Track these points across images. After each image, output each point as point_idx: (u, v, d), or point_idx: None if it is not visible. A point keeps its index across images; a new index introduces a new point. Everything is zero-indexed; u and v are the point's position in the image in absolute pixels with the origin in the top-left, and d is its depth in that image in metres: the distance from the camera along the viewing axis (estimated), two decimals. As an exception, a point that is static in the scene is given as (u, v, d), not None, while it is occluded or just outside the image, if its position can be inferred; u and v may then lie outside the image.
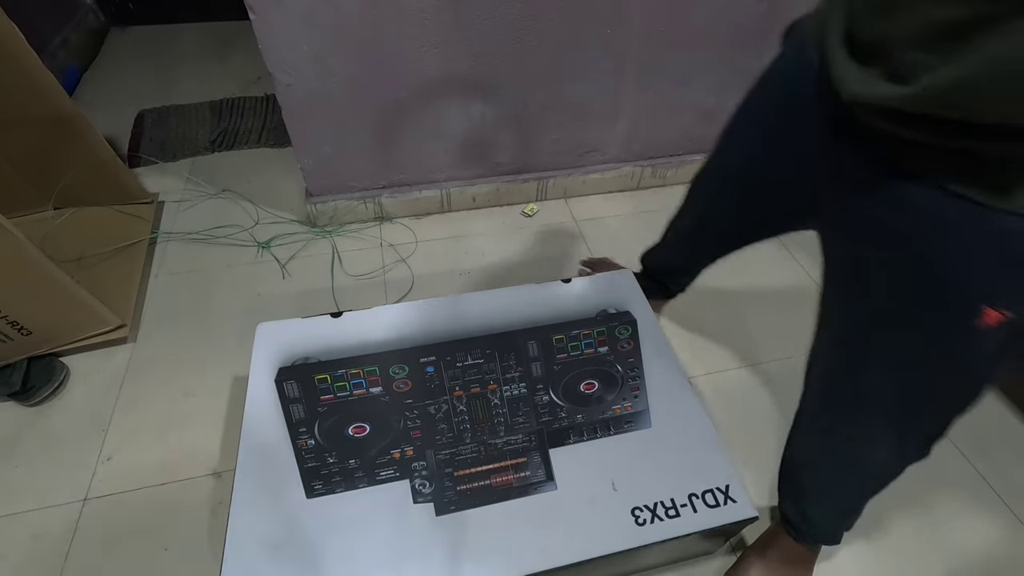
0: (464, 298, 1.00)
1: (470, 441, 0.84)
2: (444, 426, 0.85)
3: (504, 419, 0.86)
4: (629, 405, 0.89)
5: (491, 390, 0.88)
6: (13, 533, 0.96)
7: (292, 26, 1.14)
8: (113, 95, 2.03)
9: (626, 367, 0.92)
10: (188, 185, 1.66)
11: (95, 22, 2.33)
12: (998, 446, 1.12)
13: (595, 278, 1.05)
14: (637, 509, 0.78)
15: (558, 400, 0.88)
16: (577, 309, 0.99)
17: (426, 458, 0.82)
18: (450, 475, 0.81)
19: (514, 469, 0.82)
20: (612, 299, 1.01)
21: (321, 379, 0.85)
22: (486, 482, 0.81)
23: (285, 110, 1.29)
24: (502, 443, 0.84)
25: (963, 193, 0.47)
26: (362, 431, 0.83)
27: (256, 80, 2.11)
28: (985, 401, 1.19)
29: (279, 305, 1.34)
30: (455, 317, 0.96)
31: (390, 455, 0.82)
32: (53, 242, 1.40)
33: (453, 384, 0.87)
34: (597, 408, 0.88)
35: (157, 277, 1.40)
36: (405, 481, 0.80)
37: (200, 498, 1.01)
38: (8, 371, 1.11)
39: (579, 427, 0.86)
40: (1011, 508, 1.04)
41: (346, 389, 0.85)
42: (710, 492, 0.80)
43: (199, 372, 1.20)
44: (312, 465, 0.80)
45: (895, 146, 0.51)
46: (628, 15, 1.28)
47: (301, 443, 0.81)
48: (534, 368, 0.90)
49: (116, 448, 1.07)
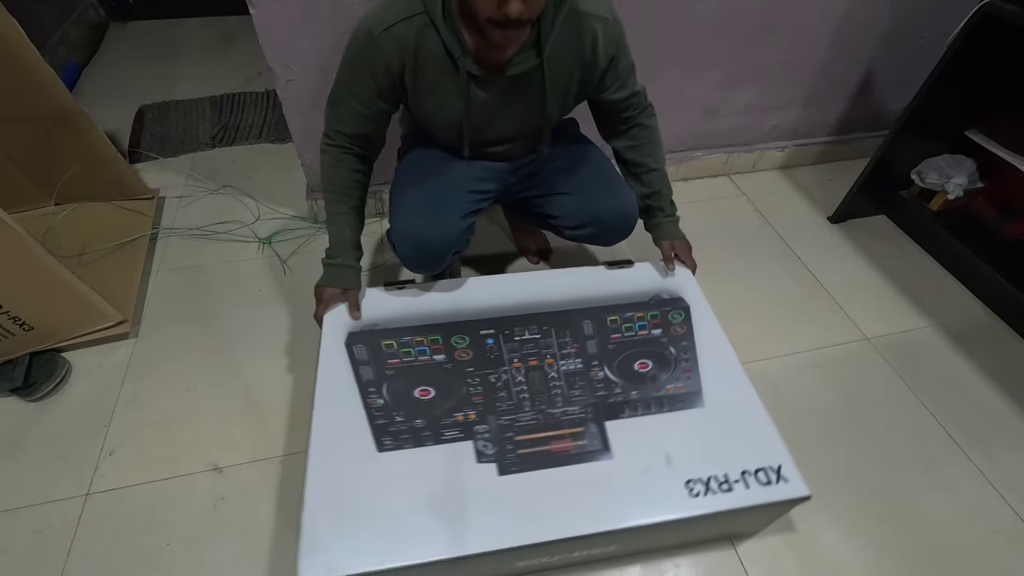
0: (521, 277, 1.06)
1: (529, 409, 0.87)
2: (504, 394, 0.88)
3: (561, 391, 0.89)
4: (682, 385, 0.91)
5: (548, 363, 0.92)
6: (16, 528, 0.97)
7: (293, 21, 1.13)
8: (113, 91, 2.03)
9: (679, 349, 0.95)
10: (189, 181, 1.66)
11: (95, 17, 2.32)
12: (998, 444, 1.13)
13: (649, 265, 1.08)
14: (691, 481, 0.80)
15: (613, 377, 0.91)
16: (630, 292, 1.03)
17: (488, 422, 0.85)
18: (511, 439, 0.84)
19: (572, 437, 0.85)
20: (665, 285, 1.05)
21: (388, 344, 0.92)
22: (546, 447, 0.83)
23: (286, 105, 1.28)
24: (559, 413, 0.87)
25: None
26: (427, 394, 0.88)
27: (257, 75, 2.10)
28: (985, 399, 1.20)
29: (280, 301, 1.34)
30: (513, 293, 1.01)
31: (454, 417, 0.86)
32: (54, 238, 1.40)
33: (512, 356, 0.92)
34: (651, 386, 0.91)
35: (158, 273, 1.40)
36: (468, 442, 0.83)
37: (202, 493, 1.01)
38: (10, 366, 1.12)
39: (634, 403, 0.89)
40: (1011, 505, 1.04)
41: (411, 355, 0.91)
42: (762, 471, 0.82)
43: (200, 367, 1.20)
44: (381, 422, 0.84)
45: None
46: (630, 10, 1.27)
47: (371, 401, 0.86)
48: (589, 346, 0.94)
49: (118, 443, 1.08)
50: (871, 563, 0.96)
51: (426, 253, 0.97)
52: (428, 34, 0.83)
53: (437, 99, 0.91)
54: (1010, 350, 1.31)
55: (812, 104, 1.66)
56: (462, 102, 0.90)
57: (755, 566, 0.95)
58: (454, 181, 1.03)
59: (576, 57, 0.91)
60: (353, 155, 0.96)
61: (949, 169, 1.44)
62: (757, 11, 1.36)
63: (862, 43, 1.53)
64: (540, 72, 0.89)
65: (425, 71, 0.87)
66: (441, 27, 0.82)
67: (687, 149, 1.68)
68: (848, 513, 1.01)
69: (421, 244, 0.96)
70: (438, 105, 0.92)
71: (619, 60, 0.94)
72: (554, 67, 0.90)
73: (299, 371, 1.19)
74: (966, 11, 1.17)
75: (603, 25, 0.89)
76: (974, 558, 0.97)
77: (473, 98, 0.90)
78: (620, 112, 1.02)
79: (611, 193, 1.05)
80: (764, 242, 1.55)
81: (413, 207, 0.99)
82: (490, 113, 0.94)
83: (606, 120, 1.06)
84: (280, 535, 0.96)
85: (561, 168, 1.08)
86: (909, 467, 1.09)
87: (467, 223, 1.02)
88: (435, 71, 0.87)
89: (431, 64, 0.86)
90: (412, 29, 0.83)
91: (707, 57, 1.45)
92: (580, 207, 1.05)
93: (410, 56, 0.85)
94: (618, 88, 0.98)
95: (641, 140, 1.05)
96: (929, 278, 1.48)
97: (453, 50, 0.84)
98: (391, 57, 0.84)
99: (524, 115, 0.96)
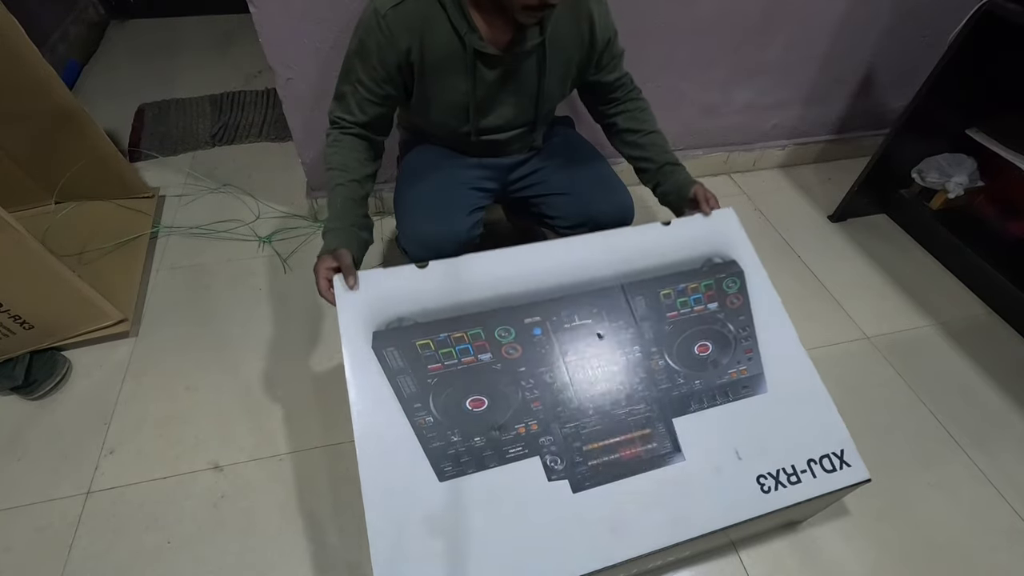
0: (559, 244, 0.91)
1: (592, 413, 0.79)
2: (563, 396, 0.79)
3: (624, 387, 0.82)
4: (744, 368, 0.86)
5: (605, 354, 0.83)
6: (17, 526, 0.97)
7: (293, 19, 1.13)
8: (113, 89, 2.03)
9: (738, 326, 0.88)
10: (189, 179, 1.66)
11: (95, 15, 2.32)
12: (998, 443, 1.13)
13: (696, 220, 0.96)
14: (762, 477, 0.78)
15: (674, 365, 0.84)
16: (681, 257, 0.91)
17: (552, 432, 0.77)
18: (579, 449, 0.77)
19: (641, 441, 0.79)
20: (716, 244, 0.93)
21: (423, 345, 0.78)
22: (615, 456, 0.77)
23: (286, 104, 1.28)
24: (624, 414, 0.80)
25: None
26: (480, 404, 0.77)
27: (257, 74, 2.10)
28: (985, 398, 1.20)
29: (280, 300, 1.34)
30: (552, 265, 0.87)
31: (515, 430, 0.76)
32: (54, 237, 1.40)
33: (564, 349, 0.82)
34: (713, 372, 0.85)
35: (158, 272, 1.40)
36: (535, 458, 0.75)
37: (202, 491, 1.01)
38: (10, 365, 1.12)
39: (698, 394, 0.83)
40: (1011, 505, 1.04)
41: (453, 356, 0.78)
42: (827, 457, 0.81)
43: (200, 366, 1.20)
44: (437, 445, 0.74)
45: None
46: (630, 9, 1.27)
47: (420, 420, 0.75)
48: (645, 328, 0.85)
49: (118, 441, 1.08)
50: (871, 563, 0.96)
51: (438, 253, 0.97)
52: (435, 13, 0.85)
53: (443, 80, 0.91)
54: (1010, 349, 1.31)
55: (813, 103, 1.66)
56: (468, 82, 0.91)
57: (756, 565, 0.95)
58: (456, 180, 1.03)
59: (574, 38, 0.93)
60: (354, 136, 0.94)
61: (950, 168, 1.44)
62: (757, 9, 1.36)
63: (863, 41, 1.53)
64: (542, 51, 0.91)
65: (432, 50, 0.87)
66: (448, 6, 0.83)
67: (687, 148, 1.68)
68: (848, 512, 1.01)
69: (432, 245, 0.96)
70: (443, 87, 0.92)
71: (613, 42, 0.97)
72: (554, 46, 0.91)
73: (299, 370, 1.19)
74: (967, 10, 1.17)
75: (599, 8, 0.92)
76: (974, 557, 0.97)
77: (479, 77, 0.91)
78: (612, 92, 1.04)
79: (607, 192, 1.05)
80: (764, 241, 1.55)
81: (419, 210, 1.00)
82: (494, 93, 0.95)
83: (599, 101, 1.07)
84: (280, 533, 0.96)
85: (557, 167, 1.08)
86: (909, 466, 1.09)
87: (474, 219, 1.02)
88: (442, 50, 0.87)
89: (438, 43, 0.87)
90: (419, 8, 0.84)
91: (707, 56, 1.44)
92: (576, 207, 1.05)
93: (417, 36, 0.86)
94: (612, 69, 1.01)
95: (635, 110, 1.05)
96: (929, 277, 1.47)
97: (460, 27, 0.85)
98: (399, 36, 0.85)
99: (525, 96, 0.97)
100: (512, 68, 0.92)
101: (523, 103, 0.98)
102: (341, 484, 1.02)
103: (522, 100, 0.97)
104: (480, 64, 0.89)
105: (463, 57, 0.88)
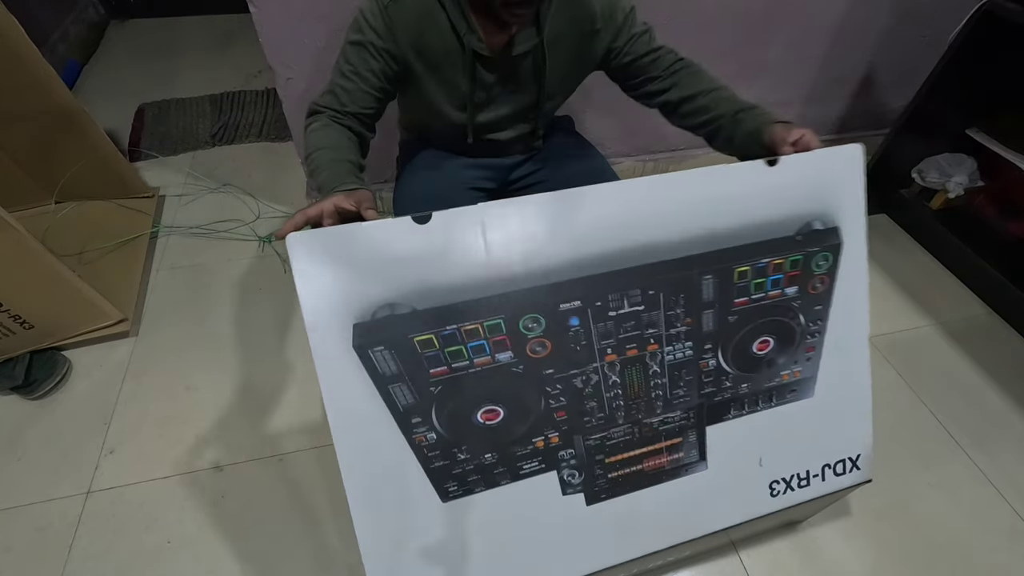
0: (617, 187, 0.65)
1: (623, 421, 0.69)
2: (594, 403, 0.67)
3: (663, 392, 0.70)
4: (799, 370, 0.75)
5: (651, 352, 0.68)
6: (17, 525, 0.97)
7: (293, 19, 1.13)
8: (113, 89, 2.03)
9: (809, 318, 0.73)
10: (189, 179, 1.66)
11: (95, 15, 2.32)
12: (998, 443, 1.13)
13: (811, 159, 0.69)
14: (775, 483, 0.76)
15: (726, 366, 0.71)
16: (773, 216, 0.68)
17: (574, 444, 0.68)
18: (600, 462, 0.69)
19: (668, 451, 0.72)
20: (825, 200, 0.70)
21: (424, 341, 0.59)
22: (638, 467, 0.71)
23: (286, 104, 1.28)
24: (658, 422, 0.71)
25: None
26: (494, 416, 0.64)
27: (257, 74, 2.10)
28: (986, 398, 1.20)
29: (280, 300, 1.34)
30: (602, 218, 0.62)
31: (532, 444, 0.66)
32: (54, 236, 1.40)
33: (605, 344, 0.65)
34: (765, 374, 0.73)
35: (158, 272, 1.40)
36: (552, 473, 0.68)
37: (202, 491, 1.01)
38: (10, 365, 1.12)
39: (741, 399, 0.73)
40: (1011, 504, 1.04)
41: (463, 356, 0.60)
42: (841, 462, 0.78)
43: (201, 366, 1.20)
44: (440, 464, 0.63)
45: None
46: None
47: (419, 438, 0.62)
48: (705, 320, 0.68)
49: (118, 441, 1.08)
50: (871, 563, 0.96)
51: None
52: (435, 11, 0.84)
53: (442, 79, 0.90)
54: (1011, 349, 1.31)
55: (813, 102, 1.66)
56: (467, 83, 0.90)
57: (756, 565, 0.95)
58: (455, 180, 1.03)
59: (576, 33, 0.91)
60: (343, 125, 0.86)
61: (950, 168, 1.44)
62: (758, 8, 1.36)
63: (863, 41, 1.53)
64: (541, 52, 0.90)
65: (431, 48, 0.87)
66: (448, 5, 0.83)
67: (687, 148, 1.68)
68: (848, 512, 1.01)
69: None
70: (441, 86, 0.91)
71: (631, 18, 0.91)
72: (555, 46, 0.90)
73: (299, 369, 1.19)
74: (967, 9, 1.17)
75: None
76: (974, 557, 0.97)
77: (478, 79, 0.91)
78: (650, 71, 0.94)
79: None
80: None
81: (418, 209, 0.99)
82: (493, 95, 0.94)
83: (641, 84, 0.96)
84: (280, 533, 0.96)
85: (557, 168, 1.08)
86: (909, 466, 1.09)
87: None
88: (441, 49, 0.87)
89: (437, 41, 0.86)
90: (420, 4, 0.84)
91: (707, 55, 1.43)
92: None
93: (416, 32, 0.85)
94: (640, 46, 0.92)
95: (685, 76, 0.93)
96: (930, 277, 1.47)
97: (459, 27, 0.84)
98: (398, 31, 0.84)
99: (525, 96, 0.96)
100: (511, 70, 0.91)
101: (523, 105, 0.97)
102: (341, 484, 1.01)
103: (522, 102, 0.97)
104: (480, 66, 0.89)
105: (462, 57, 0.88)
